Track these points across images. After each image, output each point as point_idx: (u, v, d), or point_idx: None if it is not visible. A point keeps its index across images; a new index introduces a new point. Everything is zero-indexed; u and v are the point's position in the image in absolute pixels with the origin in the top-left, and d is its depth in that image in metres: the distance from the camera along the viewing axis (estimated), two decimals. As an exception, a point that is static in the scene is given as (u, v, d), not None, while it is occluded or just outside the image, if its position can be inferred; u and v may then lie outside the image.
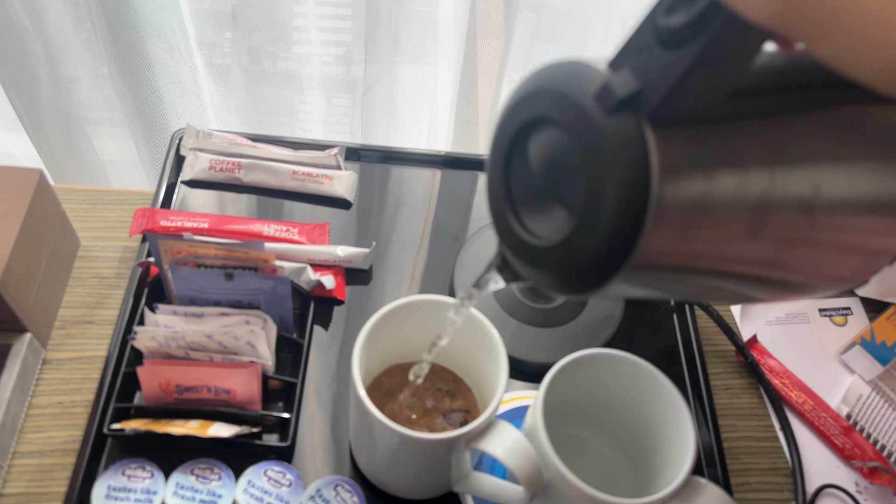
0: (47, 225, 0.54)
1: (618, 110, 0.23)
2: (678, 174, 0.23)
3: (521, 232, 0.28)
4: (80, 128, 0.95)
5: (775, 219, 0.25)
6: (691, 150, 0.23)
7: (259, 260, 0.50)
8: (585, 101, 0.24)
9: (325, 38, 0.94)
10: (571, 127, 0.24)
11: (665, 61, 0.22)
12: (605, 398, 0.46)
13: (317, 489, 0.46)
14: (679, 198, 0.23)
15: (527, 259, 0.28)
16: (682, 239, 0.24)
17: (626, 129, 0.23)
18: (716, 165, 0.24)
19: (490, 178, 0.30)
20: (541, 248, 0.27)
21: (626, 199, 0.23)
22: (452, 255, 0.60)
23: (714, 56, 0.21)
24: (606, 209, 0.23)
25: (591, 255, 0.25)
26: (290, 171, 0.62)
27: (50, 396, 0.51)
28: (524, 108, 0.27)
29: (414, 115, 0.99)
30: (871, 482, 0.52)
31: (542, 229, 0.27)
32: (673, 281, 0.26)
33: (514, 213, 0.29)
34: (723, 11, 0.20)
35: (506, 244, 0.30)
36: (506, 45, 0.88)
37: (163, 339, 0.48)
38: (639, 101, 0.23)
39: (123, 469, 0.45)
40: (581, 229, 0.25)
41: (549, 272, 0.27)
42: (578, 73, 0.25)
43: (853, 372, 0.58)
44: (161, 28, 0.83)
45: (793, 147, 0.25)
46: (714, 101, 0.23)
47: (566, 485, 0.38)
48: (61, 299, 0.56)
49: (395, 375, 0.48)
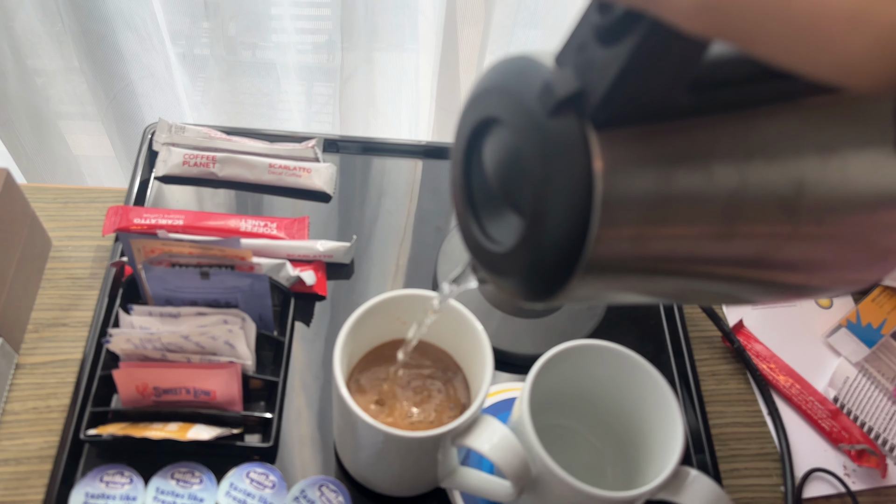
0: (16, 225, 0.52)
1: (559, 111, 0.22)
2: (627, 174, 0.22)
3: (481, 237, 0.27)
4: (51, 123, 0.92)
5: (751, 217, 0.23)
6: (643, 149, 0.22)
7: (236, 257, 0.48)
8: (529, 101, 0.23)
9: (302, 26, 0.92)
10: (517, 128, 0.23)
11: (603, 58, 0.21)
12: (593, 389, 0.45)
13: (301, 490, 0.45)
14: (629, 198, 0.22)
15: (487, 265, 0.27)
16: (640, 240, 0.23)
17: (567, 130, 0.22)
18: (673, 163, 0.22)
19: (453, 179, 0.28)
20: (497, 255, 0.26)
21: (570, 204, 0.22)
22: (436, 246, 0.59)
23: (651, 52, 0.20)
24: (551, 214, 0.23)
25: (541, 260, 0.24)
26: (266, 164, 0.61)
27: (24, 402, 0.50)
28: (476, 107, 0.26)
29: (394, 104, 0.97)
30: (859, 465, 0.52)
31: (499, 234, 0.26)
32: (641, 283, 0.25)
33: (475, 217, 0.28)
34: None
35: (469, 249, 0.29)
36: (485, 31, 0.87)
37: (138, 340, 0.46)
38: (580, 100, 0.22)
39: (101, 475, 0.44)
40: (530, 234, 0.24)
41: (508, 278, 0.26)
42: (525, 70, 0.24)
43: (839, 355, 0.58)
44: (131, 19, 0.81)
45: (767, 139, 0.23)
46: (667, 97, 0.22)
47: (554, 479, 0.38)
48: (33, 302, 0.54)
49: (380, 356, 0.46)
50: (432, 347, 0.47)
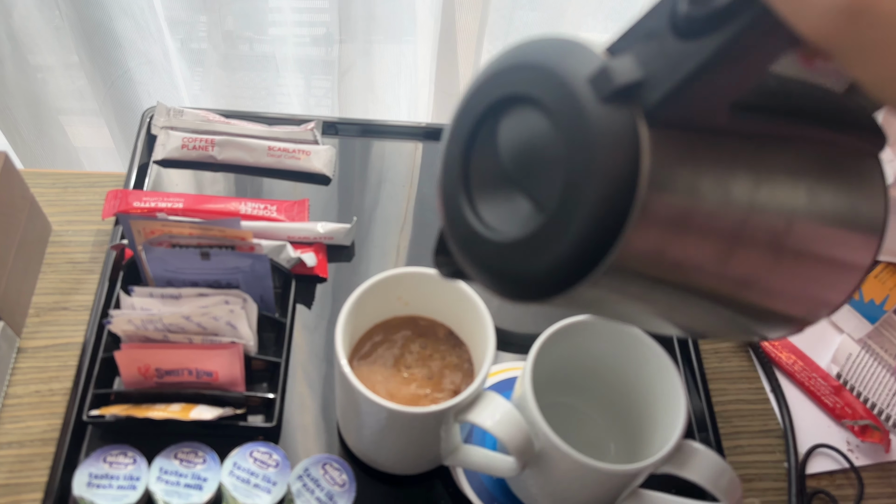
0: (15, 210, 0.52)
1: (614, 99, 0.20)
2: (667, 182, 0.21)
3: (474, 221, 0.25)
4: (51, 117, 0.92)
5: (747, 241, 0.23)
6: (683, 159, 0.21)
7: (236, 238, 0.48)
8: (577, 83, 0.21)
9: (299, 18, 0.91)
10: (556, 110, 0.22)
11: (678, 52, 0.20)
12: (595, 366, 0.45)
13: (304, 468, 0.45)
14: (663, 208, 0.21)
15: (475, 252, 0.25)
16: (654, 252, 0.22)
17: (620, 121, 0.20)
18: (702, 180, 0.22)
19: (447, 155, 0.26)
20: (495, 243, 0.24)
21: (609, 201, 0.21)
22: (436, 227, 0.59)
23: (735, 54, 0.19)
24: (584, 208, 0.21)
25: (556, 255, 0.22)
26: (265, 147, 0.60)
27: (27, 385, 0.50)
28: (502, 83, 0.24)
29: (393, 92, 0.97)
30: (862, 440, 0.52)
31: (499, 221, 0.25)
32: (643, 296, 0.24)
33: (469, 199, 0.26)
34: (756, 5, 0.18)
35: (453, 233, 0.26)
36: (483, 14, 0.86)
37: (139, 322, 0.46)
38: (639, 92, 0.20)
39: (105, 456, 0.44)
40: (549, 226, 0.22)
41: (500, 271, 0.24)
42: (571, 51, 0.22)
43: (842, 331, 0.58)
44: (128, 6, 0.81)
45: (774, 171, 0.23)
46: (717, 108, 0.21)
47: (557, 453, 0.38)
48: (34, 286, 0.54)
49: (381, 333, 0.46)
50: (435, 324, 0.46)
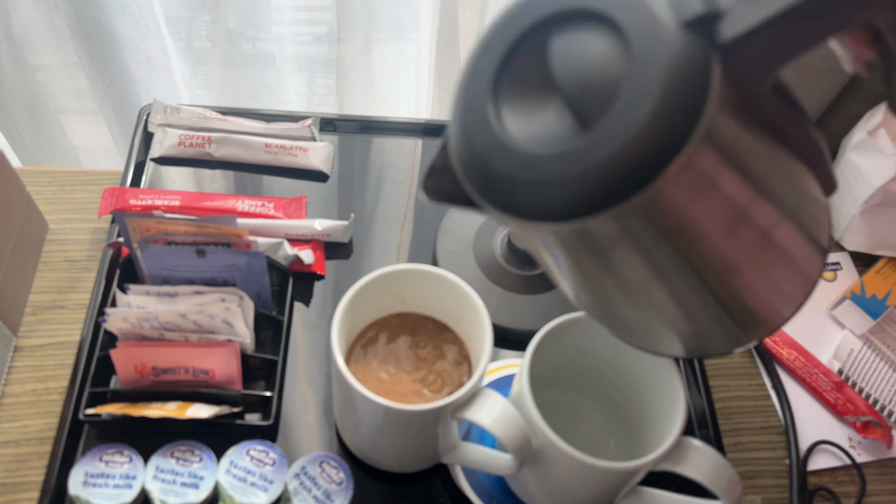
0: (11, 208, 0.52)
1: (693, 26, 0.20)
2: (724, 122, 0.21)
3: (500, 131, 0.24)
4: (50, 116, 0.92)
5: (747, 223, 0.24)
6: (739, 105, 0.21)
7: (232, 235, 0.48)
8: (657, 5, 0.21)
9: (300, 16, 0.91)
10: (630, 27, 0.21)
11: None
12: (593, 362, 0.45)
13: (301, 467, 0.45)
14: (715, 146, 0.21)
15: (497, 162, 0.24)
16: (680, 203, 0.22)
17: (695, 47, 0.20)
18: (740, 146, 0.22)
19: (477, 63, 0.26)
20: (525, 154, 0.23)
21: (668, 125, 0.20)
22: (435, 225, 0.59)
23: (811, 11, 0.19)
24: (640, 130, 0.20)
25: (593, 173, 0.21)
26: (262, 143, 0.60)
27: (23, 384, 0.49)
28: None
29: (393, 90, 0.96)
30: (864, 437, 0.52)
31: (528, 133, 0.24)
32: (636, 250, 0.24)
33: (496, 109, 0.25)
34: None
35: (470, 143, 0.25)
36: (483, 10, 0.86)
37: (135, 320, 0.46)
38: (718, 25, 0.20)
39: (101, 455, 0.44)
40: (595, 143, 0.21)
41: (527, 182, 0.23)
42: None
43: (844, 327, 0.58)
44: (126, 4, 0.80)
45: (781, 170, 0.24)
46: (768, 74, 0.21)
47: (555, 451, 0.37)
48: (31, 285, 0.54)
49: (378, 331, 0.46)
50: (432, 321, 0.46)
